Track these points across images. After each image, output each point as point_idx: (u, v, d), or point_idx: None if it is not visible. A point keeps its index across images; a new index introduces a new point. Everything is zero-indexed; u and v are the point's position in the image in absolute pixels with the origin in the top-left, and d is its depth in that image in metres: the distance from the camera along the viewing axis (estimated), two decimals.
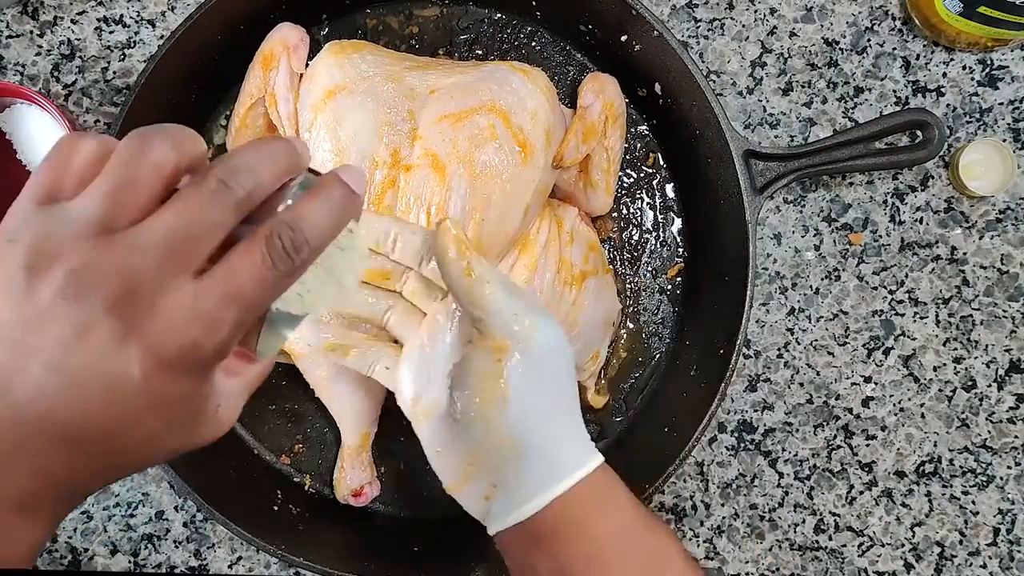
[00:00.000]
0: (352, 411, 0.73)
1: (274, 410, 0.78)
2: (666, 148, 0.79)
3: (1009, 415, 0.79)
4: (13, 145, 0.77)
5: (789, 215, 0.80)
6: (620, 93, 0.75)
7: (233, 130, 0.75)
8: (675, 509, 0.79)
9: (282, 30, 0.73)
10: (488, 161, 0.68)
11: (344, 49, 0.70)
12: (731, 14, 0.81)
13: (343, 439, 0.75)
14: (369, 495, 0.76)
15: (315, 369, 0.72)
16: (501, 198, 0.69)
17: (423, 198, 0.69)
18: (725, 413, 0.79)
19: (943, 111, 0.80)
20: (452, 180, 0.68)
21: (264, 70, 0.72)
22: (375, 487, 0.76)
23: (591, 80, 0.75)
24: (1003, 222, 0.80)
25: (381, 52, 0.72)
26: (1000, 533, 0.79)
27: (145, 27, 0.80)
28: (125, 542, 0.79)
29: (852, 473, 0.79)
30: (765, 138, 0.80)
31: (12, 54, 0.80)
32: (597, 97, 0.73)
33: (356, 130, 0.68)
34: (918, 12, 0.79)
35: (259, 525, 0.71)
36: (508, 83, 0.69)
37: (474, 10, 0.80)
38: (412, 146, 0.68)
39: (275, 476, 0.77)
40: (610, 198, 0.76)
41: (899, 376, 0.79)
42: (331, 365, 0.71)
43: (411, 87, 0.69)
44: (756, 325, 0.79)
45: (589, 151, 0.73)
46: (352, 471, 0.75)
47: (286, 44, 0.72)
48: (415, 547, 0.75)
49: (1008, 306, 0.79)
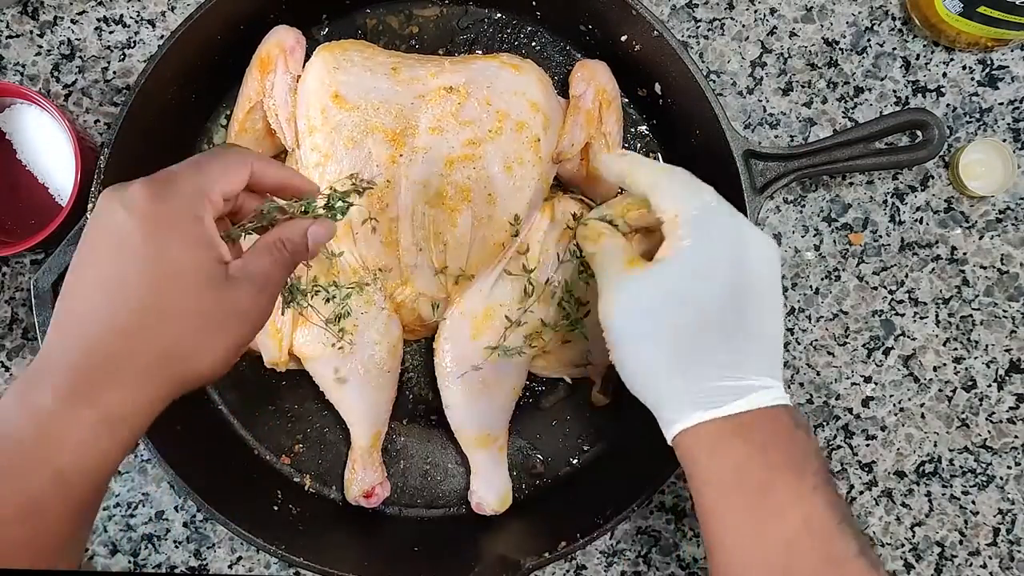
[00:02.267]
0: (362, 411, 0.73)
1: (274, 410, 0.78)
2: (666, 148, 0.79)
3: (1009, 415, 0.79)
4: (13, 145, 0.77)
5: (789, 215, 0.80)
6: (611, 77, 0.75)
7: (232, 134, 0.75)
8: (675, 509, 0.79)
9: (278, 33, 0.73)
10: (487, 157, 0.68)
11: (333, 52, 0.70)
12: (731, 14, 0.81)
13: (353, 440, 0.75)
14: (380, 496, 0.76)
15: (325, 370, 0.72)
16: (502, 192, 0.69)
17: (423, 196, 0.69)
18: None
19: (943, 111, 0.80)
20: (452, 177, 0.68)
21: (261, 73, 0.72)
22: (386, 487, 0.76)
23: (580, 68, 0.74)
24: (1003, 222, 0.80)
25: (370, 50, 0.72)
26: (1000, 533, 0.79)
27: (145, 27, 0.80)
28: (125, 542, 0.79)
29: (852, 473, 0.79)
30: (765, 138, 0.80)
31: (12, 54, 0.80)
32: (588, 84, 0.73)
33: (352, 135, 0.68)
34: (918, 12, 0.79)
35: (259, 525, 0.71)
36: (501, 79, 0.69)
37: (474, 10, 0.80)
38: (410, 146, 0.68)
39: (275, 476, 0.77)
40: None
41: (899, 376, 0.79)
42: (340, 366, 0.71)
43: (404, 87, 0.69)
44: None
45: (588, 139, 0.73)
46: (363, 472, 0.75)
47: (282, 47, 0.72)
48: (415, 547, 0.75)
49: (1008, 306, 0.80)
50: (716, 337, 0.54)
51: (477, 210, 0.69)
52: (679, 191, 0.57)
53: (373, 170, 0.69)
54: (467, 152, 0.68)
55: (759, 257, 0.56)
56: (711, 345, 0.54)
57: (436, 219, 0.69)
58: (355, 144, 0.68)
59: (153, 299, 0.48)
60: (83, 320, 0.49)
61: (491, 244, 0.70)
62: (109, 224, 0.49)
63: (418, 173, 0.69)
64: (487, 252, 0.71)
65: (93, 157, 0.72)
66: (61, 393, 0.47)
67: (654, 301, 0.55)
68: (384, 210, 0.69)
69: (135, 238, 0.49)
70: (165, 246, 0.49)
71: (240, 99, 0.74)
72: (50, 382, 0.47)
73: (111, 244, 0.49)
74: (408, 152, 0.69)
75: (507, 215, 0.70)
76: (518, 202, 0.70)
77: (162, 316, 0.49)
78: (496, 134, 0.69)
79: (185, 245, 0.49)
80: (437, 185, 0.68)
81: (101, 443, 0.47)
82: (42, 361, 0.49)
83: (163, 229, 0.49)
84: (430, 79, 0.70)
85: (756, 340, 0.55)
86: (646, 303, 0.55)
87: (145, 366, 0.48)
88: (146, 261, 0.49)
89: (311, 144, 0.70)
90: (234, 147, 0.58)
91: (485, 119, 0.69)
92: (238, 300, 0.51)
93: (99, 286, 0.49)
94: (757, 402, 0.53)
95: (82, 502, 0.48)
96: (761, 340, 0.55)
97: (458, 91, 0.69)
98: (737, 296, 0.54)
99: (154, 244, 0.49)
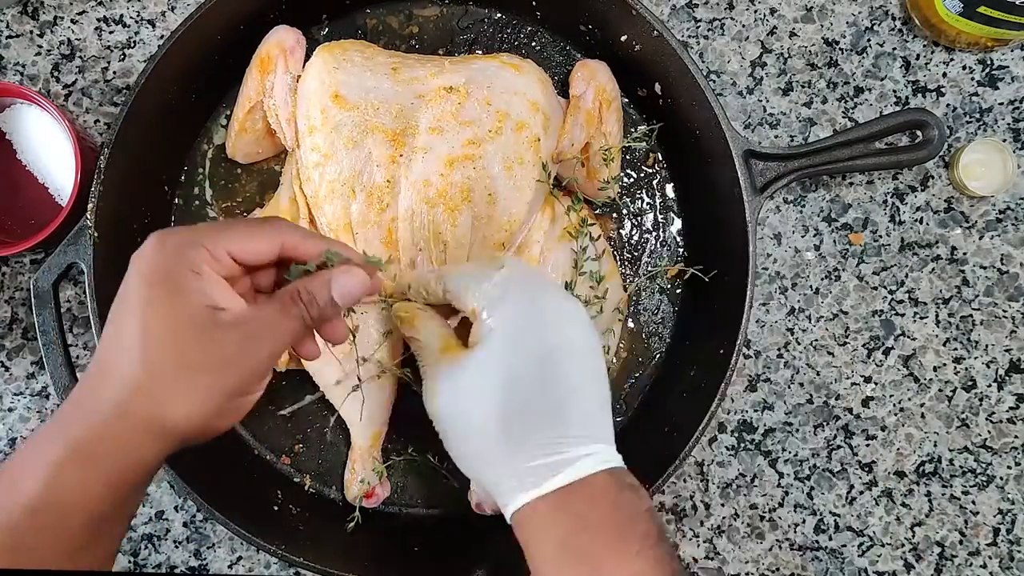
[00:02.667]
0: (363, 411, 0.73)
1: (274, 411, 0.78)
2: (666, 148, 0.79)
3: (1009, 415, 0.79)
4: (13, 145, 0.77)
5: (789, 215, 0.80)
6: (611, 77, 0.75)
7: (232, 134, 0.75)
8: (675, 509, 0.79)
9: (278, 33, 0.73)
10: (487, 157, 0.68)
11: (333, 52, 0.70)
12: (731, 14, 0.81)
13: (353, 440, 0.75)
14: (380, 496, 0.76)
15: (325, 370, 0.72)
16: (502, 192, 0.69)
17: (423, 196, 0.69)
18: (725, 413, 0.79)
19: (943, 111, 0.80)
20: (452, 177, 0.68)
21: (261, 73, 0.72)
22: (385, 487, 0.76)
23: (580, 68, 0.74)
24: (1003, 222, 0.80)
25: (370, 50, 0.72)
26: (1000, 533, 0.79)
27: (145, 27, 0.80)
28: (125, 542, 0.79)
29: (852, 473, 0.79)
30: (765, 138, 0.80)
31: (12, 54, 0.80)
32: (588, 84, 0.73)
33: (352, 135, 0.68)
34: (918, 12, 0.79)
35: (259, 525, 0.71)
36: (501, 79, 0.69)
37: (474, 10, 0.80)
38: (410, 146, 0.68)
39: (275, 476, 0.77)
40: (615, 183, 0.76)
41: (899, 376, 0.79)
42: (342, 367, 0.71)
43: (404, 87, 0.69)
44: (756, 325, 0.79)
45: (588, 139, 0.73)
46: (363, 472, 0.75)
47: (282, 47, 0.72)
48: (415, 547, 0.75)
49: (1008, 306, 0.79)
50: (536, 416, 0.54)
51: (477, 210, 0.69)
52: (471, 284, 0.58)
53: (373, 170, 0.69)
54: (467, 152, 0.68)
55: (562, 320, 0.56)
56: (532, 424, 0.54)
57: (436, 219, 0.69)
58: (355, 144, 0.68)
59: (139, 350, 0.49)
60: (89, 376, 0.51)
61: (491, 244, 0.70)
62: (125, 278, 0.51)
63: (418, 173, 0.69)
64: (487, 252, 0.71)
65: (93, 157, 0.72)
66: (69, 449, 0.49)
67: (472, 388, 0.55)
68: (384, 210, 0.69)
69: (131, 291, 0.51)
70: (153, 295, 0.50)
71: (240, 99, 0.74)
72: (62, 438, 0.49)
73: (118, 299, 0.51)
74: (408, 152, 0.69)
75: (507, 215, 0.70)
76: (518, 202, 0.70)
77: (144, 364, 0.49)
78: (496, 134, 0.69)
79: (168, 292, 0.50)
80: (437, 185, 0.69)
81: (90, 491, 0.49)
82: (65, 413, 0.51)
83: (154, 280, 0.50)
84: (430, 79, 0.70)
85: (576, 408, 0.55)
86: (464, 391, 0.56)
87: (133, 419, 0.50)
88: (135, 313, 0.50)
89: (311, 144, 0.70)
90: (274, 219, 0.58)
91: (485, 119, 0.69)
92: (223, 347, 0.51)
93: (105, 341, 0.51)
94: (577, 473, 0.53)
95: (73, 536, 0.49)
96: (582, 406, 0.55)
97: (458, 91, 0.69)
98: (549, 368, 0.54)
99: (144, 294, 0.50)
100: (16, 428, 0.79)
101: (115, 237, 0.71)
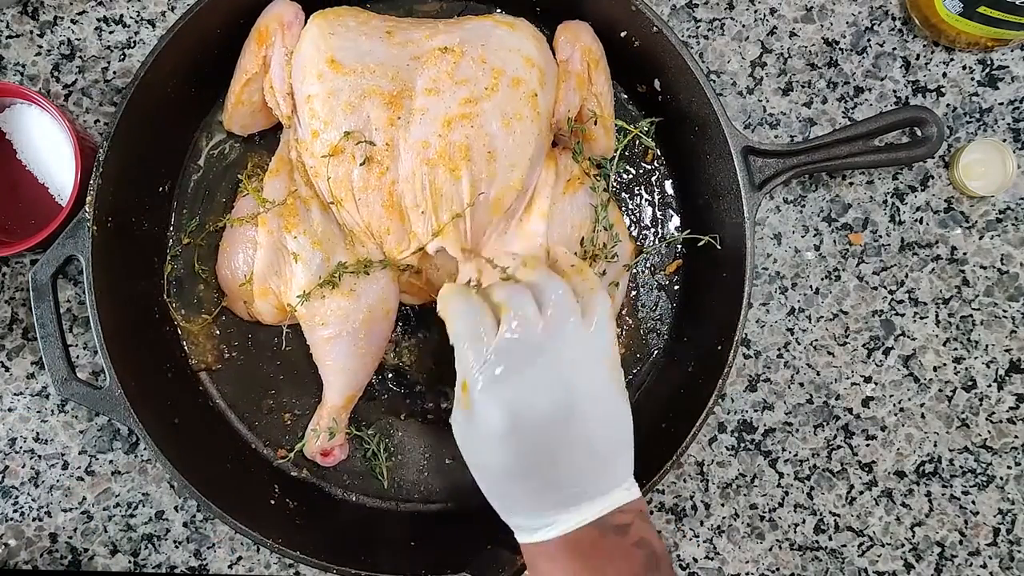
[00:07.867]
0: (345, 371, 0.73)
1: (272, 405, 0.78)
2: (665, 144, 0.79)
3: (1009, 415, 0.79)
4: (13, 145, 0.77)
5: (789, 215, 0.80)
6: (595, 37, 0.74)
7: (229, 106, 0.75)
8: (675, 509, 0.79)
9: (278, 6, 0.73)
10: (484, 115, 0.68)
11: (328, 18, 0.70)
12: (731, 14, 0.81)
13: (327, 397, 0.75)
14: (337, 457, 0.76)
15: (317, 327, 0.72)
16: (503, 149, 0.69)
17: (425, 159, 0.68)
18: (725, 413, 0.79)
19: (943, 111, 0.80)
20: (451, 137, 0.68)
21: (259, 46, 0.72)
22: (344, 449, 0.76)
23: (563, 30, 0.74)
24: (1003, 222, 0.80)
25: (364, 15, 0.72)
26: (1000, 533, 0.78)
27: (145, 27, 0.80)
28: (125, 542, 0.79)
29: (852, 473, 0.79)
30: (765, 138, 0.80)
31: (12, 54, 0.80)
32: (574, 47, 0.73)
33: (350, 99, 0.68)
34: (918, 12, 0.79)
35: (256, 519, 0.71)
36: (495, 36, 0.69)
37: (474, 6, 0.80)
38: (407, 108, 0.68)
39: (272, 471, 0.77)
40: (612, 142, 0.75)
41: (899, 376, 0.79)
42: (334, 326, 0.72)
43: (399, 49, 0.69)
44: (756, 325, 0.79)
45: (582, 102, 0.73)
46: (326, 430, 0.75)
47: (281, 21, 0.72)
48: (412, 541, 0.75)
49: (1008, 306, 0.79)
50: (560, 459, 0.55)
51: (477, 168, 0.69)
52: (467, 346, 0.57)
53: (372, 133, 0.68)
54: (464, 111, 0.68)
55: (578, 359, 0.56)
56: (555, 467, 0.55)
57: (437, 180, 0.69)
58: (353, 108, 0.68)
59: None
60: None
61: (494, 201, 0.70)
62: None
63: (417, 134, 0.68)
64: (491, 210, 0.71)
65: (93, 157, 0.72)
66: None
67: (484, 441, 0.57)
68: (384, 173, 0.69)
69: None
70: None
71: (237, 72, 0.74)
72: None
73: None
74: (406, 114, 0.68)
75: (510, 172, 0.69)
76: (521, 157, 0.69)
77: None
78: (492, 91, 0.68)
79: None
80: (436, 146, 0.68)
81: None
82: None
83: None
84: (425, 40, 0.70)
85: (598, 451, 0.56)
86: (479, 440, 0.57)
87: None
88: None
89: (309, 111, 0.69)
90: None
91: (481, 77, 0.69)
92: None
93: None
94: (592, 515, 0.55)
95: None
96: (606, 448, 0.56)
97: (453, 51, 0.69)
98: (556, 433, 0.55)
99: None
100: (16, 428, 0.79)
101: (113, 230, 0.71)
